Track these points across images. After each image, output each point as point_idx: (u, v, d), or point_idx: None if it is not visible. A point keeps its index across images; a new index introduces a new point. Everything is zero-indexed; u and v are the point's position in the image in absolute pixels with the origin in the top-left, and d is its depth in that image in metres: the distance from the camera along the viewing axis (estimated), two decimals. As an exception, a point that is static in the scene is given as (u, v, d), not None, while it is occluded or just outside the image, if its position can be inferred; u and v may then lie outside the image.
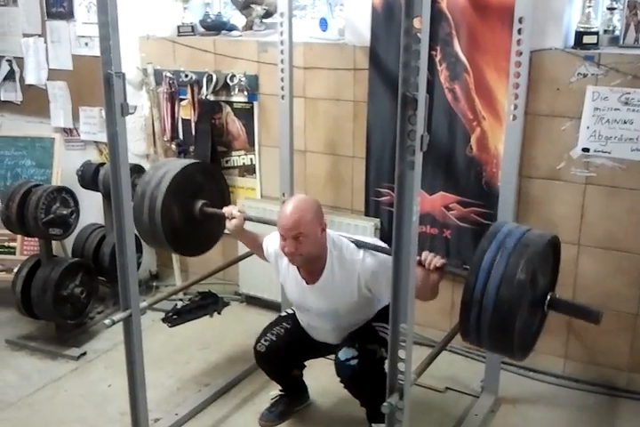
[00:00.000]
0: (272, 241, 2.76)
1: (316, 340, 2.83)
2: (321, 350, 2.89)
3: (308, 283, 2.64)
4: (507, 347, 2.10)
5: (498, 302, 1.97)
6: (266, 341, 2.83)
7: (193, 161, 3.17)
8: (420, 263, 2.26)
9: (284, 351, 2.83)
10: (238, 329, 3.80)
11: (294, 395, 3.09)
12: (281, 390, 3.08)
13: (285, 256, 2.57)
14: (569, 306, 2.27)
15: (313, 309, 2.70)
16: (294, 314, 2.89)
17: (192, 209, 3.01)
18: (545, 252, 2.12)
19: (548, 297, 2.19)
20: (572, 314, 2.32)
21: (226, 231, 3.06)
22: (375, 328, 2.68)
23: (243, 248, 3.78)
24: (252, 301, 4.06)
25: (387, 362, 2.02)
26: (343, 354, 2.62)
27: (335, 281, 2.58)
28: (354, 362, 2.59)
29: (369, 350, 2.61)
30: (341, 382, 2.68)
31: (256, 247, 2.95)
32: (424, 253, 2.29)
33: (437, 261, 2.28)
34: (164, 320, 3.87)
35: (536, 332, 2.29)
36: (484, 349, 2.26)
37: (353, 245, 2.59)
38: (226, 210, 2.90)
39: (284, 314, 2.97)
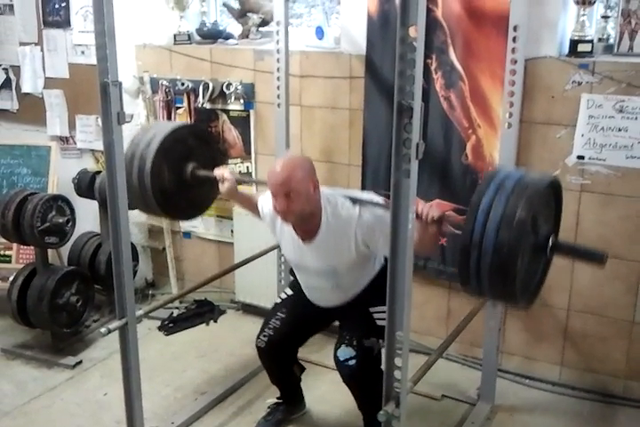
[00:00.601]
0: (266, 201, 2.72)
1: (317, 305, 2.79)
2: (321, 322, 2.88)
3: (304, 241, 2.60)
4: (509, 292, 2.00)
5: (498, 244, 1.90)
6: (264, 336, 2.84)
7: (184, 122, 3.01)
8: (418, 216, 2.19)
9: (284, 342, 2.85)
10: (235, 337, 3.79)
11: (292, 402, 3.08)
12: (278, 398, 3.08)
13: (278, 215, 2.52)
14: (572, 249, 2.20)
15: (311, 267, 2.66)
16: (288, 298, 2.88)
17: (183, 172, 2.87)
18: (545, 193, 2.05)
19: (551, 241, 2.09)
20: (575, 257, 2.25)
21: (220, 195, 2.95)
22: (373, 316, 2.63)
23: (239, 256, 3.79)
24: (249, 309, 4.05)
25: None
26: (342, 353, 2.63)
27: (331, 238, 2.54)
28: (352, 362, 2.60)
29: (366, 348, 2.59)
30: (342, 379, 2.71)
31: (252, 208, 2.89)
32: (420, 206, 2.21)
33: (434, 212, 2.21)
34: (160, 328, 3.89)
35: (540, 278, 2.20)
36: (485, 298, 2.15)
37: (348, 201, 2.55)
38: (217, 173, 2.81)
39: (278, 301, 2.94)
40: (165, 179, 2.80)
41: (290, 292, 2.92)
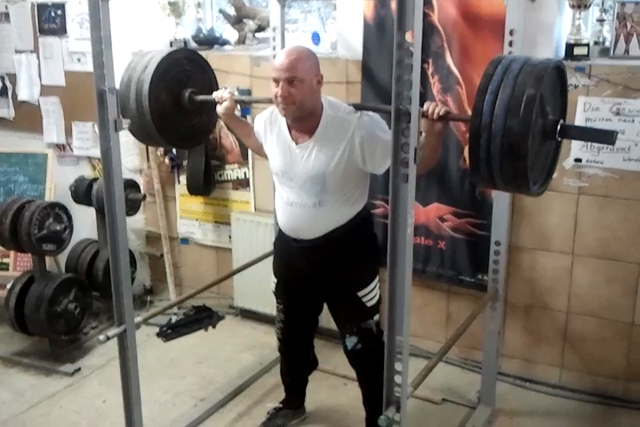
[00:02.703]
0: (261, 115, 2.73)
1: (291, 247, 2.68)
2: (314, 299, 2.82)
3: (298, 144, 2.54)
4: (520, 175, 1.95)
5: (507, 124, 1.87)
6: (279, 329, 2.96)
7: (180, 47, 2.93)
8: (424, 115, 2.12)
9: (295, 331, 2.94)
10: (233, 343, 3.79)
11: (292, 406, 3.09)
12: (279, 403, 3.08)
13: (277, 105, 2.46)
14: (581, 131, 2.18)
15: (298, 176, 2.55)
16: (277, 286, 2.85)
17: (181, 96, 2.79)
18: (551, 74, 2.02)
19: (559, 124, 2.06)
20: (585, 138, 2.23)
21: (218, 115, 2.86)
22: (362, 300, 2.61)
23: (237, 262, 3.79)
24: (247, 314, 4.04)
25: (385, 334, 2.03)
26: (349, 343, 2.68)
27: (327, 138, 2.47)
28: (358, 346, 2.67)
29: (365, 330, 2.64)
30: (351, 366, 2.79)
31: (246, 132, 2.87)
32: (426, 104, 2.15)
33: (440, 109, 2.15)
34: (158, 335, 3.89)
35: (551, 163, 2.17)
36: (495, 186, 2.10)
37: (351, 107, 2.52)
38: (215, 94, 2.77)
39: (273, 289, 2.90)
40: (163, 103, 2.72)
41: (274, 279, 2.87)
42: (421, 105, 1.79)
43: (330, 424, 3.10)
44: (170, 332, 3.91)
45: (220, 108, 2.75)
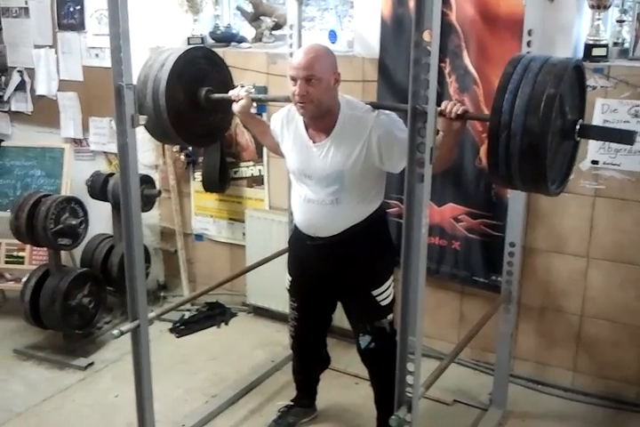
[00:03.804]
0: (277, 113, 2.73)
1: (307, 245, 2.68)
2: (328, 297, 2.83)
3: (315, 142, 2.54)
4: (539, 174, 1.95)
5: (527, 123, 1.86)
6: (292, 326, 2.99)
7: (196, 45, 2.95)
8: (442, 114, 2.13)
9: (308, 330, 2.95)
10: (246, 340, 3.80)
11: (302, 405, 3.09)
12: (290, 401, 3.09)
13: (295, 103, 2.45)
14: (600, 130, 2.17)
15: (315, 174, 2.55)
16: (291, 284, 2.86)
17: (197, 95, 2.80)
18: (571, 74, 2.00)
19: (578, 124, 2.05)
20: (604, 138, 2.22)
21: (235, 113, 2.87)
22: (376, 299, 2.61)
23: (251, 259, 3.79)
24: (260, 311, 4.05)
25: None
26: (363, 342, 2.68)
27: (344, 137, 2.47)
28: (372, 345, 2.67)
29: (378, 329, 2.65)
30: (364, 364, 2.79)
31: (263, 131, 2.87)
32: (444, 103, 2.17)
33: (459, 108, 2.15)
34: (171, 331, 3.90)
35: (569, 163, 2.17)
36: (514, 186, 2.10)
37: (369, 106, 2.52)
38: (232, 92, 2.77)
39: (287, 287, 2.90)
40: (180, 101, 2.73)
41: (289, 277, 2.88)
42: (438, 104, 1.78)
43: (341, 423, 3.10)
44: (183, 328, 3.93)
45: (236, 107, 2.75)
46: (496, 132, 1.91)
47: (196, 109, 2.80)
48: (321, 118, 2.49)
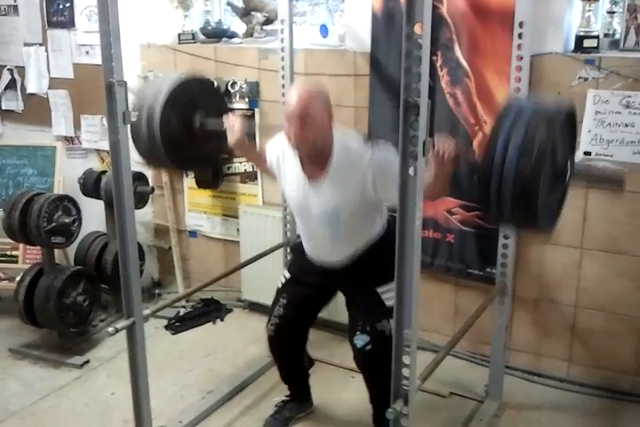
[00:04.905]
0: (274, 146, 2.72)
1: (315, 264, 2.74)
2: (323, 298, 2.87)
3: (311, 180, 2.56)
4: (530, 217, 2.00)
5: (519, 168, 1.90)
6: (272, 324, 2.86)
7: (191, 75, 2.99)
8: (435, 154, 2.17)
9: (291, 328, 2.87)
10: (241, 336, 3.79)
11: (298, 400, 3.08)
12: (286, 396, 3.08)
13: (290, 143, 2.47)
14: (590, 171, 2.22)
15: (314, 211, 2.59)
16: (287, 281, 2.86)
17: (191, 123, 2.81)
18: (562, 119, 2.05)
19: (569, 166, 2.11)
20: (594, 179, 2.26)
21: (229, 144, 2.83)
22: (381, 296, 2.61)
23: (245, 255, 3.79)
24: (255, 307, 4.05)
25: None
26: (359, 341, 2.62)
27: (340, 175, 2.50)
28: (368, 347, 2.61)
29: (379, 332, 2.59)
30: (359, 368, 2.72)
31: (259, 160, 2.87)
32: (437, 144, 2.18)
33: (452, 150, 2.18)
34: (166, 327, 3.90)
35: (559, 202, 2.20)
36: (505, 225, 2.14)
37: (362, 140, 2.54)
38: (226, 122, 2.77)
39: (279, 285, 2.91)
40: (174, 129, 2.73)
41: (287, 275, 2.89)
42: (431, 97, 1.78)
43: (337, 417, 3.10)
44: (178, 325, 3.93)
45: (230, 138, 2.73)
46: (489, 177, 1.95)
47: (191, 137, 2.82)
48: (316, 156, 2.52)
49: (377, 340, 2.60)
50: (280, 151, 2.66)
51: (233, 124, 2.72)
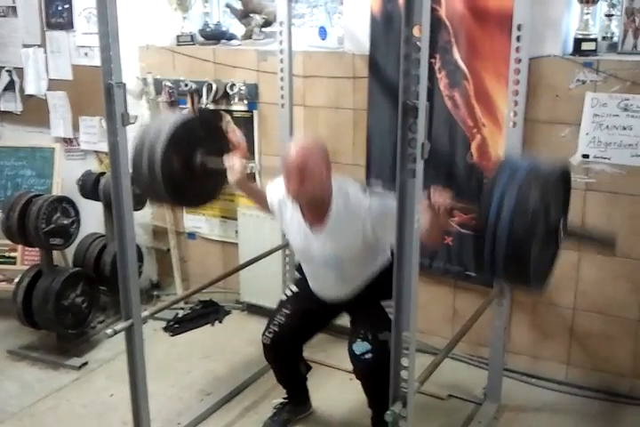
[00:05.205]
0: (275, 189, 2.73)
1: (321, 298, 2.78)
2: (326, 317, 2.88)
3: (312, 229, 2.60)
4: (522, 278, 2.04)
5: (512, 231, 1.92)
6: (270, 333, 2.84)
7: (191, 115, 3.03)
8: (429, 201, 2.21)
9: (289, 339, 2.85)
10: (240, 337, 3.79)
11: (297, 402, 3.08)
12: (284, 398, 3.08)
13: (289, 195, 2.51)
14: (583, 233, 2.23)
15: (317, 256, 2.64)
16: (294, 294, 2.87)
17: (192, 161, 2.83)
18: (556, 180, 2.07)
19: (562, 226, 2.12)
20: (586, 241, 2.28)
21: (229, 184, 2.87)
22: (384, 309, 2.61)
23: (243, 257, 3.79)
24: (254, 309, 4.05)
25: None
26: (358, 348, 2.61)
27: (340, 226, 2.53)
28: (368, 356, 2.59)
29: (381, 342, 2.57)
30: (357, 377, 2.69)
31: (259, 200, 2.88)
32: (432, 196, 2.23)
33: (447, 203, 2.22)
34: (165, 329, 3.89)
35: (551, 262, 2.23)
36: (498, 281, 2.18)
37: (359, 189, 2.57)
38: (228, 162, 2.78)
39: (283, 298, 2.93)
40: (175, 168, 2.75)
41: (295, 289, 2.91)
42: (429, 100, 1.78)
43: (336, 419, 3.10)
44: (176, 326, 3.92)
45: (231, 178, 2.75)
46: (482, 238, 1.99)
47: (192, 175, 2.84)
48: (316, 207, 2.56)
49: (378, 350, 2.58)
50: (281, 195, 2.68)
51: (233, 164, 2.74)
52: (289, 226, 2.72)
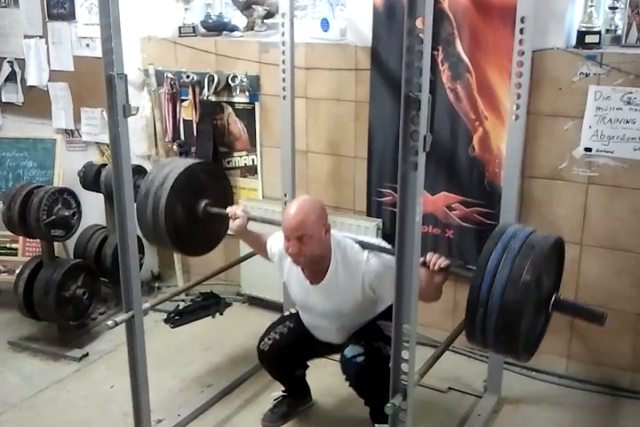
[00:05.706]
0: (276, 241, 2.76)
1: (320, 340, 2.83)
2: (324, 349, 2.88)
3: (311, 283, 2.64)
4: (512, 349, 2.10)
5: (504, 305, 1.97)
6: (269, 339, 2.84)
7: (197, 160, 3.17)
8: (425, 264, 2.26)
9: (288, 351, 2.84)
10: (240, 330, 3.79)
11: (297, 395, 3.09)
12: (284, 391, 3.08)
13: (289, 257, 2.56)
14: (573, 307, 2.26)
15: (316, 309, 2.70)
16: (297, 314, 2.88)
17: (195, 209, 3.00)
18: (550, 254, 2.12)
19: (553, 298, 2.18)
20: (576, 315, 2.32)
21: (229, 232, 3.06)
22: (380, 327, 2.67)
23: (244, 249, 3.78)
24: (254, 301, 4.05)
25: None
26: (349, 351, 2.62)
27: (339, 282, 2.57)
28: (360, 359, 2.59)
29: (375, 348, 2.60)
30: (347, 379, 2.67)
31: (260, 248, 2.94)
32: (428, 255, 2.28)
33: (442, 262, 2.27)
34: (166, 321, 3.88)
35: (540, 333, 2.29)
36: (488, 350, 2.26)
37: (357, 245, 2.59)
38: (229, 210, 2.92)
39: (287, 313, 2.97)
40: (179, 216, 2.92)
41: (296, 311, 2.92)
42: (431, 92, 1.77)
43: (335, 411, 3.11)
44: (177, 318, 3.91)
45: (232, 225, 2.88)
46: (474, 309, 2.03)
47: (195, 221, 2.99)
48: (315, 264, 2.58)
49: (371, 355, 2.59)
50: (281, 254, 2.70)
51: (235, 213, 2.85)
52: (288, 277, 2.76)
